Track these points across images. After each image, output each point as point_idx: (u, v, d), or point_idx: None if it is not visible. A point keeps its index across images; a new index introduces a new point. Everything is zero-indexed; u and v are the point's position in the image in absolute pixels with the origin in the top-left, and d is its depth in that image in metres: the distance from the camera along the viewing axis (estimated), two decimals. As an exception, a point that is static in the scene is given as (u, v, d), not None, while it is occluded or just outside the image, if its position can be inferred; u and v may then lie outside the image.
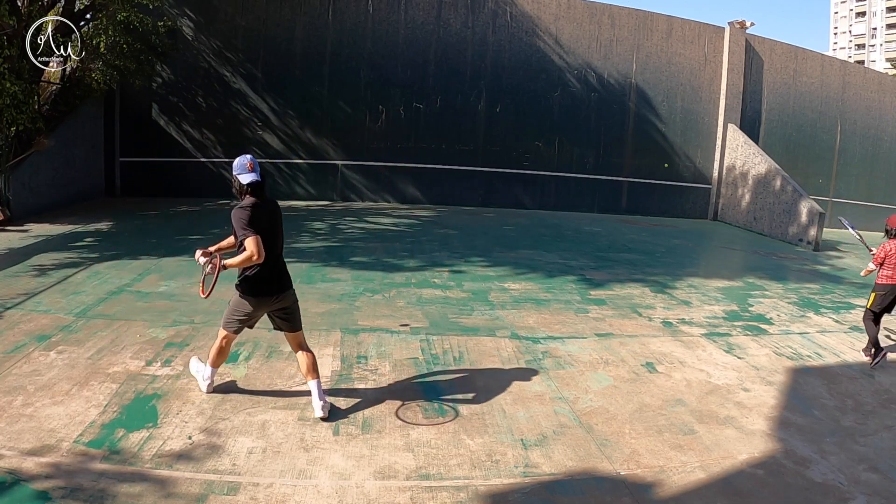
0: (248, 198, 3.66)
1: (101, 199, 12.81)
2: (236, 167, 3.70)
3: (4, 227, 9.17)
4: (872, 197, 19.10)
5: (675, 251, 11.05)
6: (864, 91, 18.85)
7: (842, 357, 5.76)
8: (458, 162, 14.94)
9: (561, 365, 4.99)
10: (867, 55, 69.98)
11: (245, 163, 3.69)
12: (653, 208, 16.41)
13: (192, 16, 13.47)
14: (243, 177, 3.66)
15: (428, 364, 4.80)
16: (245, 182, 3.65)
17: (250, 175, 3.66)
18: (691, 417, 4.21)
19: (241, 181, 3.66)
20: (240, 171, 3.67)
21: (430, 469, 3.35)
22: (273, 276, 3.79)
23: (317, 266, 7.72)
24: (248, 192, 3.67)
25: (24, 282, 6.37)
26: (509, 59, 15.07)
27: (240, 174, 3.67)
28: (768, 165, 14.81)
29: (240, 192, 3.71)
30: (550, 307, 6.61)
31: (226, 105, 13.74)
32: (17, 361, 4.37)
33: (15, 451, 3.23)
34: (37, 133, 10.36)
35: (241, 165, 3.69)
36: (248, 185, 3.65)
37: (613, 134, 16.00)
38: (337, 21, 14.16)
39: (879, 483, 3.53)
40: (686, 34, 16.38)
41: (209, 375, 4.03)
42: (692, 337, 5.98)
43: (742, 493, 3.33)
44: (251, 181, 3.65)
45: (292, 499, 3.01)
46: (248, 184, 3.65)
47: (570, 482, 3.33)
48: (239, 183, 3.68)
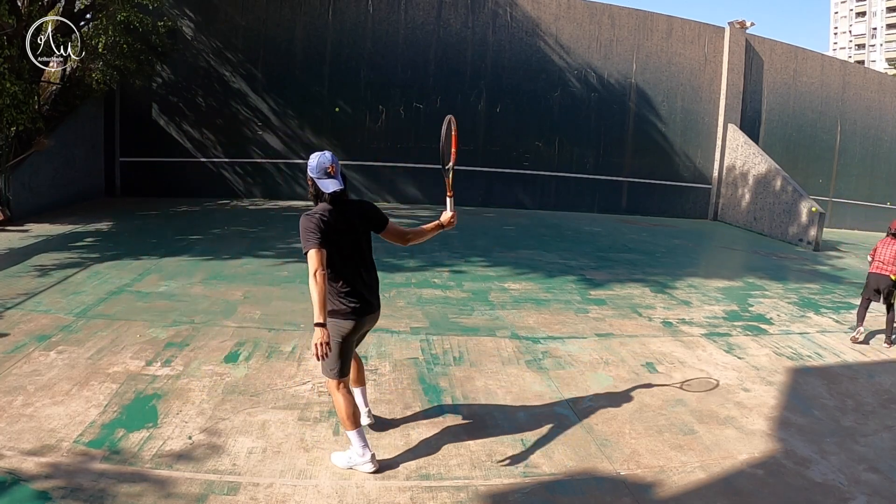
0: (323, 205, 3.13)
1: (101, 199, 12.81)
2: (312, 168, 3.11)
3: (4, 227, 9.17)
4: (872, 197, 19.11)
5: (675, 251, 11.05)
6: (864, 91, 18.86)
7: (842, 357, 5.76)
8: (459, 162, 14.81)
9: (561, 365, 4.99)
10: (867, 55, 69.97)
11: (326, 165, 3.09)
12: (653, 208, 16.41)
13: (192, 16, 13.47)
14: (323, 183, 3.09)
15: (428, 364, 4.80)
16: (328, 191, 3.09)
17: (332, 182, 3.08)
18: (691, 417, 4.21)
19: (319, 187, 3.10)
20: (318, 175, 3.10)
21: (430, 469, 3.35)
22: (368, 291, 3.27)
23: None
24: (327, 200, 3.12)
25: (25, 282, 6.37)
26: (509, 59, 15.07)
27: (318, 178, 3.10)
28: (768, 165, 14.81)
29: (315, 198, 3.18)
30: (550, 307, 6.61)
31: (226, 105, 13.74)
32: (18, 361, 4.37)
33: (15, 451, 3.23)
34: (37, 133, 10.36)
35: (321, 168, 3.09)
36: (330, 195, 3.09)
37: (613, 134, 16.00)
38: (337, 21, 14.17)
39: (879, 483, 3.53)
40: (686, 34, 16.38)
41: (359, 444, 3.20)
42: (692, 337, 5.98)
43: (742, 494, 3.33)
44: (333, 191, 3.08)
45: (292, 499, 3.01)
46: (329, 193, 3.08)
47: (571, 482, 3.33)
48: (316, 188, 3.12)
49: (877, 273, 6.30)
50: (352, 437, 3.20)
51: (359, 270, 3.22)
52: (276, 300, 6.17)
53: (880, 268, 6.28)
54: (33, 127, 10.06)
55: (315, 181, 3.12)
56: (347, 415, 3.17)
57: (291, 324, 5.48)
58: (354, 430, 3.18)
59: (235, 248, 8.55)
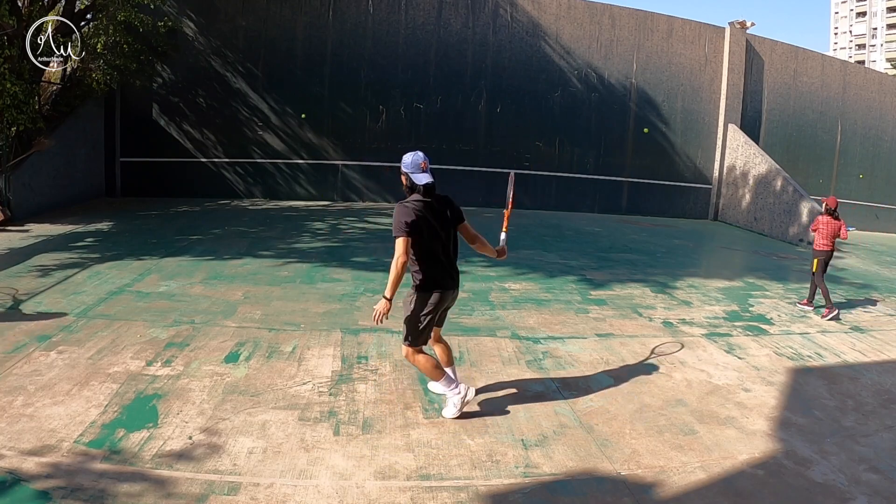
0: (415, 196, 3.61)
1: (101, 200, 12.82)
2: (407, 165, 3.60)
3: (5, 227, 9.17)
4: (873, 197, 19.10)
5: (675, 251, 11.05)
6: (865, 91, 18.86)
7: (842, 357, 5.76)
8: (459, 162, 14.94)
9: (561, 365, 4.98)
10: (867, 55, 69.96)
11: (419, 161, 3.60)
12: (653, 208, 16.41)
13: (193, 16, 13.48)
14: (417, 177, 3.57)
15: (428, 364, 4.79)
16: (421, 183, 3.57)
17: (425, 175, 3.58)
18: (692, 418, 4.20)
19: (413, 181, 3.58)
20: (412, 170, 3.59)
21: (431, 469, 3.35)
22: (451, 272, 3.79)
23: (317, 266, 7.72)
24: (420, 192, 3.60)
25: (25, 282, 6.37)
26: (510, 59, 15.07)
27: (412, 173, 3.59)
28: (769, 165, 14.81)
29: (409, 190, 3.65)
30: (551, 307, 6.61)
31: (226, 105, 13.75)
32: (18, 361, 4.37)
33: (15, 451, 3.23)
34: (37, 133, 10.37)
35: (415, 164, 3.59)
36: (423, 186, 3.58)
37: (614, 134, 16.01)
38: (337, 21, 14.17)
39: (880, 483, 3.53)
40: (686, 34, 16.38)
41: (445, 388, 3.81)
42: (693, 337, 5.98)
43: (743, 494, 3.32)
44: (426, 182, 3.57)
45: (293, 499, 3.01)
46: (423, 185, 3.57)
47: (571, 482, 3.32)
48: (411, 182, 3.60)
49: (825, 250, 7.35)
50: (441, 385, 3.78)
51: (445, 252, 3.70)
52: (276, 300, 6.17)
53: (826, 245, 7.34)
54: (34, 127, 10.06)
55: (409, 175, 3.60)
56: (431, 368, 3.76)
57: (292, 324, 5.48)
58: (441, 379, 3.75)
59: (236, 248, 8.55)
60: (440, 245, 3.66)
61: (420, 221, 3.52)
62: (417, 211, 3.53)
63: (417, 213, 3.52)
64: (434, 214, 3.62)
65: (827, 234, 7.30)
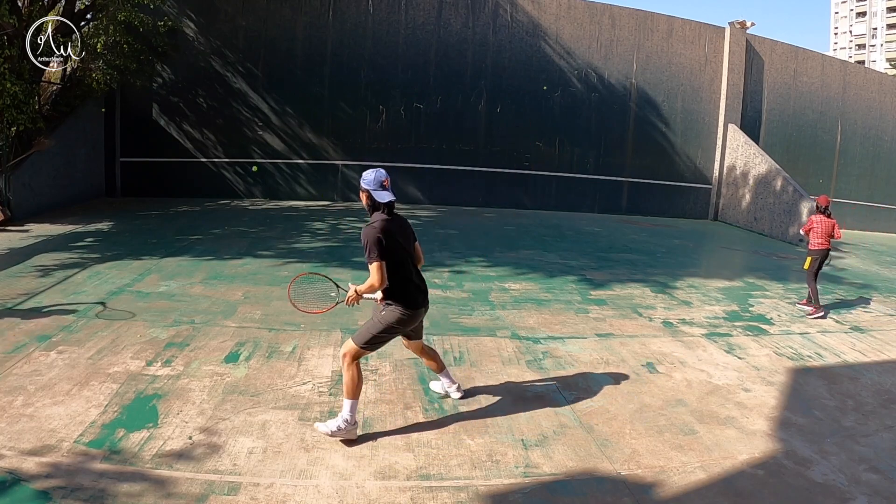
0: (378, 215, 3.54)
1: (101, 200, 12.82)
2: (369, 182, 3.51)
3: (5, 227, 9.17)
4: (873, 197, 19.10)
5: (675, 251, 11.05)
6: (865, 91, 18.85)
7: (842, 357, 5.76)
8: (459, 162, 14.94)
9: (561, 365, 4.99)
10: (867, 55, 69.96)
11: (381, 179, 3.51)
12: (653, 208, 16.41)
13: (193, 16, 13.48)
14: (379, 195, 3.49)
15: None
16: (383, 202, 3.49)
17: (387, 194, 3.50)
18: (692, 418, 4.20)
19: (375, 199, 3.49)
20: (374, 188, 3.50)
21: (431, 469, 3.35)
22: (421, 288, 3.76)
23: (317, 266, 7.72)
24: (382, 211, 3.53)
25: (25, 282, 6.37)
26: (510, 59, 15.07)
27: (374, 190, 3.49)
28: (769, 166, 14.81)
29: (371, 209, 3.56)
30: (551, 307, 6.61)
31: (226, 105, 13.75)
32: (18, 361, 4.37)
33: (15, 451, 3.23)
34: (37, 133, 10.36)
35: (377, 181, 3.50)
36: (385, 206, 3.51)
37: (614, 134, 16.00)
38: (337, 21, 14.17)
39: (880, 483, 3.53)
40: (686, 34, 16.38)
41: (348, 413, 3.53)
42: (693, 337, 5.98)
43: (743, 494, 3.32)
44: (388, 201, 3.50)
45: (293, 499, 3.01)
46: (385, 203, 3.50)
47: (571, 482, 3.33)
48: (372, 200, 3.51)
49: (820, 249, 7.38)
50: (348, 405, 3.53)
51: (413, 271, 3.69)
52: (276, 300, 6.16)
53: (822, 245, 7.37)
54: (34, 127, 10.06)
55: (371, 193, 3.50)
56: (353, 386, 3.54)
57: (291, 324, 5.49)
58: (352, 401, 3.54)
59: (236, 248, 8.55)
60: (410, 263, 3.67)
61: (391, 242, 3.47)
62: (386, 232, 3.46)
63: (387, 234, 3.45)
64: (400, 233, 3.61)
65: (821, 233, 7.36)
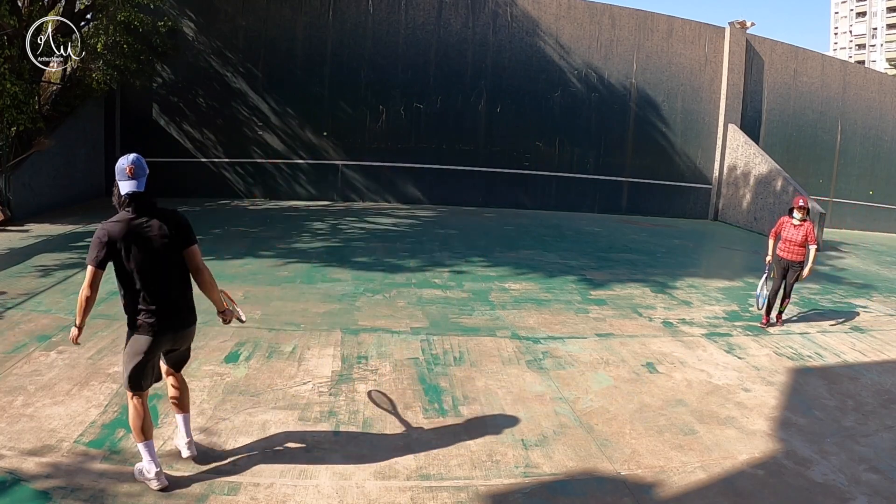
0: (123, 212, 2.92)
1: (101, 200, 12.80)
2: (117, 170, 2.92)
3: (5, 227, 9.17)
4: (873, 197, 19.09)
5: (675, 251, 11.05)
6: (865, 91, 18.84)
7: (842, 357, 5.76)
8: (459, 162, 14.94)
9: (561, 365, 4.99)
10: (867, 55, 69.93)
11: (124, 166, 2.88)
12: (653, 208, 16.40)
13: (193, 16, 13.48)
14: (122, 184, 2.90)
15: (428, 364, 4.80)
16: (123, 192, 2.89)
17: (129, 183, 2.88)
18: (692, 418, 4.20)
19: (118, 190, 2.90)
20: (119, 177, 2.91)
21: (431, 469, 3.35)
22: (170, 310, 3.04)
23: (317, 266, 7.72)
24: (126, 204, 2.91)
25: (25, 282, 6.37)
26: (510, 59, 15.07)
27: (119, 180, 2.91)
28: (769, 166, 14.81)
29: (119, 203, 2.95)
30: (551, 307, 6.61)
31: (226, 105, 13.74)
32: (18, 361, 4.37)
33: (15, 451, 3.23)
34: (37, 133, 10.36)
35: (120, 169, 2.89)
36: (127, 196, 2.89)
37: (614, 134, 16.00)
38: (337, 21, 14.17)
39: (880, 483, 3.53)
40: (686, 34, 16.38)
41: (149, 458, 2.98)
42: (693, 337, 5.98)
43: (743, 494, 3.32)
44: (129, 192, 2.88)
45: (293, 499, 3.01)
46: (126, 194, 2.89)
47: (571, 482, 3.32)
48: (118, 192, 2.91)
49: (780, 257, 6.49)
50: (140, 448, 3.00)
51: (162, 284, 3.01)
52: (276, 300, 6.17)
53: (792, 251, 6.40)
54: (34, 127, 10.06)
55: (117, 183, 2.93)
56: (135, 427, 2.99)
57: (292, 324, 5.49)
58: (142, 443, 2.98)
59: (236, 248, 8.54)
60: (156, 275, 2.96)
61: (121, 245, 2.86)
62: (117, 232, 2.86)
63: (116, 234, 2.85)
64: (145, 236, 2.92)
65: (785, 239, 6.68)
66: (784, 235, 6.46)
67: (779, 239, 6.56)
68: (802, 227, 6.35)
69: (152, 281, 2.96)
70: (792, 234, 6.38)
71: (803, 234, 6.32)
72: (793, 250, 6.37)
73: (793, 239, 6.36)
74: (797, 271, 6.42)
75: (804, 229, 6.33)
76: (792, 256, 6.39)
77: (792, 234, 6.38)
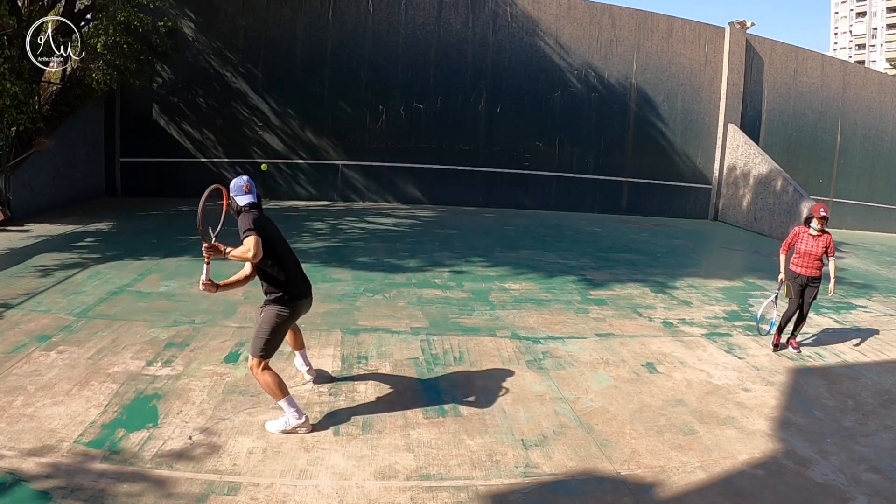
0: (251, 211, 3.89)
1: (101, 200, 12.81)
2: (233, 188, 3.88)
3: (5, 227, 9.17)
4: (873, 197, 19.09)
5: (675, 251, 11.05)
6: (865, 91, 18.84)
7: (842, 357, 5.76)
8: (459, 162, 14.94)
9: (561, 365, 4.99)
10: (867, 55, 69.94)
11: (241, 184, 3.85)
12: (653, 208, 16.40)
13: (193, 16, 13.47)
14: (241, 199, 3.84)
15: (428, 364, 4.80)
16: (242, 204, 3.85)
17: (248, 197, 3.84)
18: (692, 418, 4.20)
19: (238, 203, 3.86)
20: (236, 193, 3.85)
21: (431, 469, 3.35)
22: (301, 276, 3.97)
23: (317, 266, 7.72)
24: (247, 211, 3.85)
25: (25, 282, 6.37)
26: (510, 59, 15.07)
27: (237, 196, 3.84)
28: (769, 166, 14.80)
29: (237, 211, 3.88)
30: (551, 307, 6.61)
31: (226, 105, 13.74)
32: (18, 361, 4.37)
33: (15, 451, 3.23)
34: (37, 133, 10.36)
35: (238, 187, 3.85)
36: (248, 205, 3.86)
37: (614, 134, 16.00)
38: (337, 21, 14.17)
39: (880, 483, 3.53)
40: (686, 34, 16.38)
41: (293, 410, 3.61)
42: (693, 337, 5.98)
43: (743, 494, 3.33)
44: (250, 202, 3.84)
45: (293, 499, 3.01)
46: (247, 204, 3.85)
47: (571, 482, 3.33)
48: (237, 205, 3.87)
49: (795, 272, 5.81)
50: (283, 404, 3.60)
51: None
52: (276, 300, 6.16)
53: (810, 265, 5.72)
54: (34, 127, 10.06)
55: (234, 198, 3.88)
56: (277, 387, 3.58)
57: (292, 324, 5.48)
58: (283, 399, 3.59)
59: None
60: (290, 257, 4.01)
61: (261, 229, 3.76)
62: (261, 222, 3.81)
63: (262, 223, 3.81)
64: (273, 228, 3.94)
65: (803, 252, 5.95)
66: (800, 248, 5.80)
67: (791, 252, 5.94)
68: (822, 237, 5.73)
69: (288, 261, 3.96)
70: (811, 246, 5.72)
71: (823, 246, 5.69)
72: (811, 264, 5.69)
73: (811, 251, 5.70)
74: (816, 288, 5.70)
75: (824, 240, 5.71)
76: (810, 272, 5.69)
77: (811, 246, 5.72)
